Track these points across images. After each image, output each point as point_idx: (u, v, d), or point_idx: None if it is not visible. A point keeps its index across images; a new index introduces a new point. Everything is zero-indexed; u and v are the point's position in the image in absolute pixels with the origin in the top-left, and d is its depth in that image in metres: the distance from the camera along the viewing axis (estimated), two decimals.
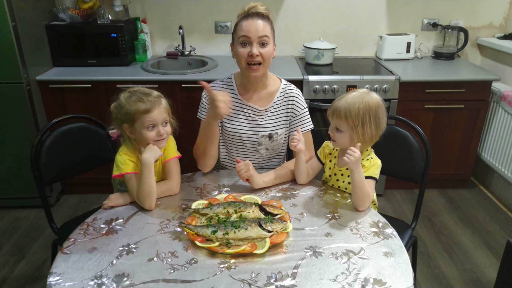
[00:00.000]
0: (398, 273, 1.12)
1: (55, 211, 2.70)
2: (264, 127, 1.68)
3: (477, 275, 2.18)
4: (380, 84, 2.57)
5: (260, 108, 1.67)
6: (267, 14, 1.59)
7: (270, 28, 1.57)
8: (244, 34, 1.53)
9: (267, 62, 1.58)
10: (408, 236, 1.71)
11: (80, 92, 2.55)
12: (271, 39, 1.57)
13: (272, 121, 1.69)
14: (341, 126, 1.42)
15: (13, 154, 2.56)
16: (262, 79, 1.65)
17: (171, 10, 2.96)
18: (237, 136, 1.68)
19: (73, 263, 1.15)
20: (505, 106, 2.69)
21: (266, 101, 1.68)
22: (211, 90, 1.47)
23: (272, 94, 1.68)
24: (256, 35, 1.53)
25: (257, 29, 1.52)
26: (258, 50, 1.53)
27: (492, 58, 3.03)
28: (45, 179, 1.71)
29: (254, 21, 1.53)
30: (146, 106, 1.39)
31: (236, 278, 1.10)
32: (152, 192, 1.39)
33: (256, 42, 1.53)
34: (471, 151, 2.83)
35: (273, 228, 1.23)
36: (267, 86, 1.68)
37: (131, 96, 1.41)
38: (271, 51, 1.58)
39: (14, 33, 2.31)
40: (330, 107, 1.45)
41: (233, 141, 1.70)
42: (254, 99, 1.67)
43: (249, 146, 1.70)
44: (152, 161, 1.39)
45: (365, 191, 1.38)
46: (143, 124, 1.40)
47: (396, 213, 2.71)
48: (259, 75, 1.59)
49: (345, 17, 3.03)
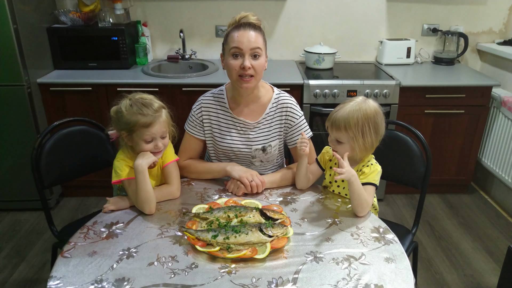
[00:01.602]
0: (399, 279, 1.12)
1: (55, 214, 2.69)
2: (256, 140, 1.65)
3: (478, 280, 2.18)
4: (380, 89, 2.58)
5: (252, 122, 1.63)
6: (259, 24, 1.54)
7: (262, 39, 1.53)
8: (235, 46, 1.48)
9: (259, 75, 1.53)
10: (408, 241, 1.71)
11: (80, 95, 2.55)
12: (263, 51, 1.52)
13: (265, 133, 1.65)
14: (341, 138, 1.42)
15: (13, 157, 2.56)
16: (254, 91, 1.60)
17: (172, 13, 2.97)
18: (230, 151, 1.66)
19: (73, 267, 1.15)
20: (505, 111, 2.69)
21: (257, 113, 1.64)
22: None
23: (264, 106, 1.63)
24: (248, 47, 1.47)
25: (249, 40, 1.47)
26: (250, 63, 1.48)
27: (492, 63, 3.04)
28: (45, 182, 1.70)
29: (246, 32, 1.48)
30: (146, 120, 1.37)
31: (237, 283, 1.09)
32: (150, 197, 1.38)
33: (248, 54, 1.48)
34: (472, 156, 2.83)
35: (274, 233, 1.23)
36: (259, 98, 1.63)
37: (132, 106, 1.39)
38: (263, 63, 1.53)
39: (15, 35, 2.31)
40: (328, 119, 1.45)
41: (226, 155, 1.68)
42: (245, 112, 1.63)
43: (242, 159, 1.68)
44: (145, 167, 1.38)
45: (364, 198, 1.38)
46: (142, 137, 1.39)
47: (396, 218, 2.71)
48: (250, 87, 1.54)
49: (345, 21, 3.04)
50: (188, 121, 1.68)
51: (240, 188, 1.52)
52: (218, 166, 1.63)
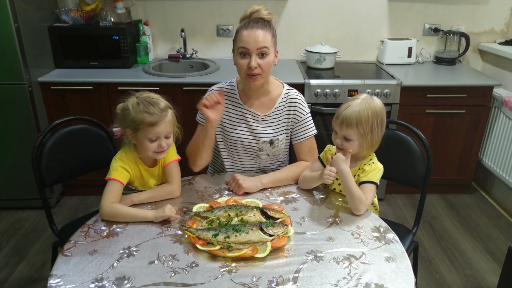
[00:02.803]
0: (399, 278, 1.12)
1: (56, 212, 2.69)
2: (265, 133, 1.67)
3: (478, 280, 2.18)
4: (382, 89, 2.57)
5: (262, 114, 1.66)
6: (270, 19, 1.54)
7: (271, 36, 1.53)
8: (242, 46, 1.50)
9: (266, 73, 1.55)
10: (409, 241, 1.71)
11: (81, 94, 2.56)
12: (271, 49, 1.52)
13: (274, 127, 1.68)
14: (351, 135, 1.42)
15: (14, 155, 2.56)
16: (264, 86, 1.63)
17: (173, 12, 2.97)
18: (239, 141, 1.68)
19: (73, 265, 1.15)
20: (506, 111, 2.69)
21: (267, 106, 1.67)
22: (203, 109, 1.51)
23: (274, 100, 1.67)
24: (255, 47, 1.49)
25: (256, 40, 1.48)
26: (256, 62, 1.50)
27: (493, 63, 3.03)
28: (46, 181, 1.71)
29: (253, 32, 1.48)
30: (152, 119, 1.38)
31: (237, 282, 1.09)
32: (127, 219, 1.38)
33: (255, 53, 1.49)
34: (472, 156, 2.83)
35: (274, 232, 1.23)
36: (269, 92, 1.66)
37: (139, 104, 1.39)
38: (271, 61, 1.54)
39: (16, 34, 2.32)
40: (337, 117, 1.44)
41: (234, 146, 1.70)
42: (256, 105, 1.66)
43: (250, 151, 1.70)
44: (151, 218, 1.36)
45: (356, 194, 1.37)
46: (146, 135, 1.40)
47: (397, 217, 2.70)
48: (258, 84, 1.57)
49: (346, 21, 3.04)
50: (199, 112, 1.68)
51: (241, 188, 1.52)
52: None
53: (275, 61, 1.57)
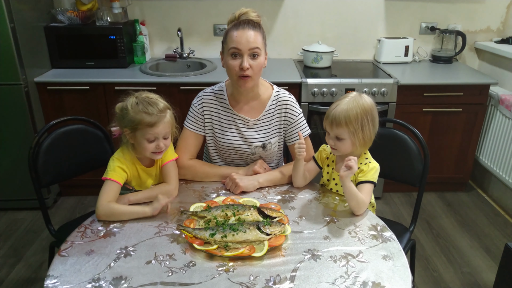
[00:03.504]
0: (396, 276, 1.12)
1: (53, 213, 2.68)
2: (257, 137, 1.65)
3: (475, 278, 2.18)
4: (379, 88, 2.58)
5: (252, 119, 1.63)
6: (259, 21, 1.53)
7: (262, 38, 1.52)
8: (234, 46, 1.47)
9: (257, 74, 1.53)
10: (406, 239, 1.71)
11: (78, 94, 2.55)
12: (262, 50, 1.50)
13: (265, 130, 1.65)
14: (342, 134, 1.42)
15: (10, 156, 2.55)
16: (254, 89, 1.60)
17: (170, 12, 2.97)
18: (230, 147, 1.66)
19: (70, 265, 1.14)
20: (503, 109, 2.70)
21: (257, 110, 1.64)
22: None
23: (264, 103, 1.64)
24: (247, 47, 1.47)
25: (248, 40, 1.46)
26: (249, 63, 1.47)
27: (490, 62, 3.04)
28: (42, 181, 1.70)
29: (244, 32, 1.47)
30: (151, 120, 1.38)
31: (235, 281, 1.09)
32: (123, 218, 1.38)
33: (247, 54, 1.47)
34: (469, 155, 2.84)
35: (272, 231, 1.23)
36: (259, 96, 1.63)
37: (138, 104, 1.39)
38: (262, 62, 1.52)
39: (12, 34, 2.31)
40: (327, 117, 1.44)
41: (227, 151, 1.68)
42: (245, 109, 1.64)
43: (243, 155, 1.68)
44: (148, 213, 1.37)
45: (360, 198, 1.38)
46: (144, 136, 1.40)
47: (394, 216, 2.71)
48: (250, 86, 1.54)
49: (343, 20, 3.04)
50: (188, 117, 1.67)
51: (238, 187, 1.52)
52: (226, 171, 1.62)
53: (265, 64, 1.55)
